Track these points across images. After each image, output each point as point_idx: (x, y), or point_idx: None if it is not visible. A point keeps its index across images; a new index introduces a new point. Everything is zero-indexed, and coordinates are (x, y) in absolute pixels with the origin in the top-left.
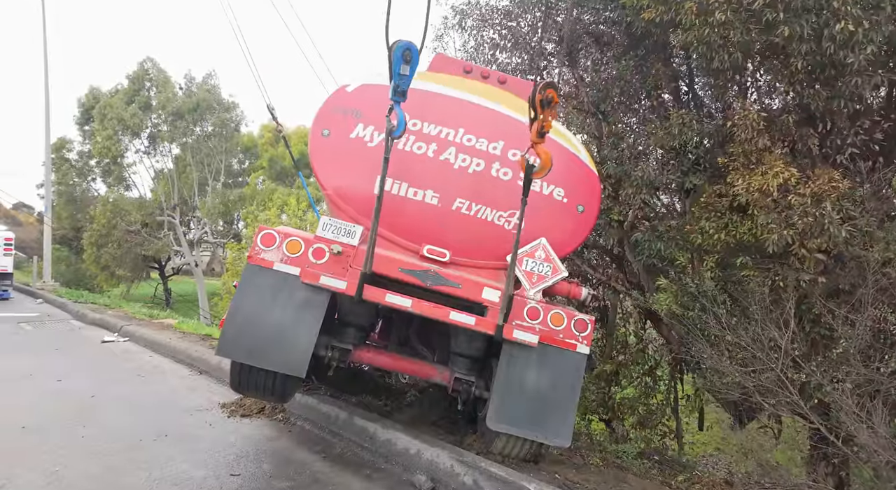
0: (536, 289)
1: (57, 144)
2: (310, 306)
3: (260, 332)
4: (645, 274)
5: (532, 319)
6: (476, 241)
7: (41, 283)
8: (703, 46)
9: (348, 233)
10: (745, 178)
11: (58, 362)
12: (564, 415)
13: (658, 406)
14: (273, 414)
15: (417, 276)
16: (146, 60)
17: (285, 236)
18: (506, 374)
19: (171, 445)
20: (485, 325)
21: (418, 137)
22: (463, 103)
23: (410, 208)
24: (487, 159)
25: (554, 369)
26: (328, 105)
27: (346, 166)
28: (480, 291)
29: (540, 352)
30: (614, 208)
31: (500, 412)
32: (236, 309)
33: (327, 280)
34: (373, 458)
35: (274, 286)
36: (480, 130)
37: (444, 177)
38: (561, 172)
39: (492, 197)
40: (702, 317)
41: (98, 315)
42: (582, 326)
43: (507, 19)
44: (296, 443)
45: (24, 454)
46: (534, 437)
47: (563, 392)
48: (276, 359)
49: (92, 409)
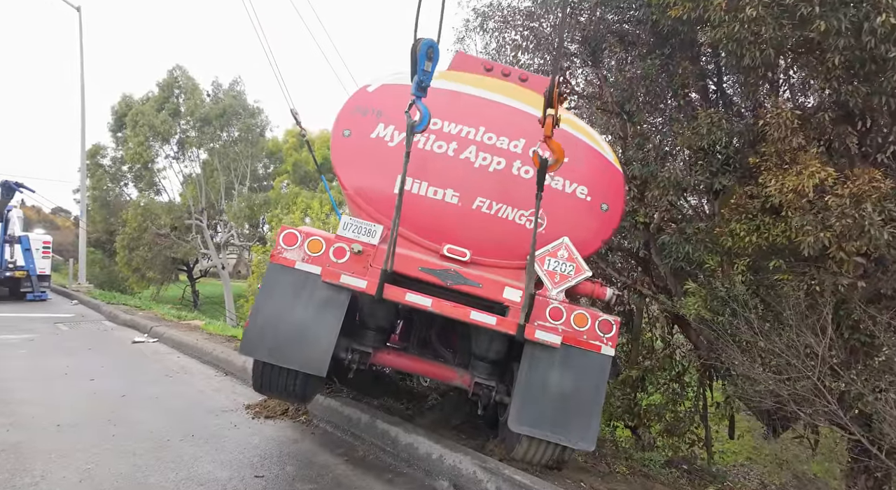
0: (559, 289)
1: (91, 151)
2: (331, 305)
3: (281, 331)
4: (672, 277)
5: (555, 320)
6: (497, 241)
7: (76, 285)
8: (732, 43)
9: (369, 232)
10: (778, 178)
11: (91, 362)
12: (589, 418)
13: (686, 413)
14: (296, 416)
15: (437, 275)
16: (175, 68)
17: (307, 236)
18: (528, 376)
19: (198, 446)
20: (506, 325)
21: (438, 136)
22: (483, 101)
23: (430, 207)
24: (508, 158)
25: (577, 371)
26: (349, 105)
27: (366, 166)
28: (501, 291)
29: (563, 353)
30: (640, 210)
31: (522, 414)
32: (259, 308)
33: (348, 279)
34: (395, 462)
35: (295, 285)
36: (501, 129)
37: (465, 176)
38: (584, 170)
39: (513, 196)
40: (732, 322)
41: (129, 316)
42: (607, 327)
43: (529, 20)
44: (318, 445)
45: (59, 452)
46: (557, 441)
47: (587, 394)
48: (297, 358)
49: (123, 409)
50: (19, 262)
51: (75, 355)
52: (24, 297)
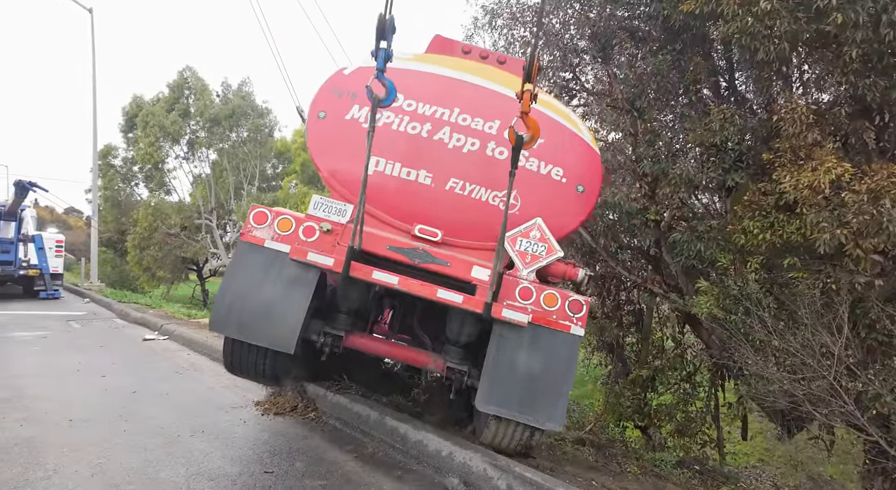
0: (530, 269)
1: (103, 151)
2: (299, 284)
3: (250, 308)
4: (683, 276)
5: (524, 299)
6: (470, 222)
7: (88, 284)
8: (746, 38)
9: (339, 211)
10: (792, 174)
11: (103, 359)
12: (557, 398)
13: (698, 413)
14: (305, 413)
15: (405, 253)
16: (185, 69)
17: (276, 214)
18: (496, 355)
19: (208, 441)
20: (472, 303)
21: (413, 118)
22: (459, 83)
23: (403, 188)
24: (483, 139)
25: (546, 351)
26: (325, 88)
27: (341, 148)
28: (469, 270)
29: (532, 333)
30: (651, 208)
31: (490, 394)
32: (227, 285)
33: (315, 257)
34: (404, 459)
35: (264, 263)
36: (476, 110)
37: (438, 157)
38: (560, 152)
39: (486, 177)
40: (745, 321)
41: (140, 314)
42: (577, 307)
43: None
44: (328, 442)
45: (71, 447)
46: (524, 421)
47: (556, 375)
48: (265, 335)
49: (134, 405)
50: (33, 260)
51: (87, 352)
52: (37, 295)
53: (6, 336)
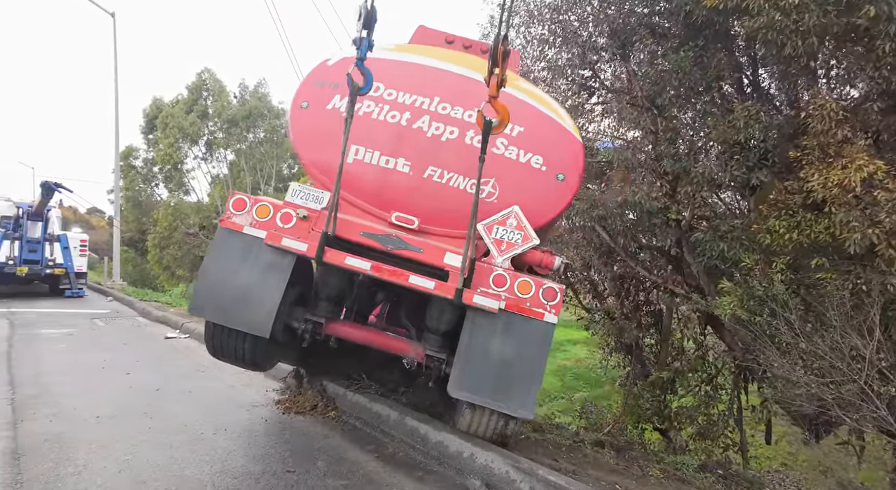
0: (505, 256)
1: (124, 153)
2: (275, 269)
3: (227, 292)
4: (705, 276)
5: (498, 287)
6: (447, 210)
7: (111, 282)
8: (772, 33)
9: (316, 198)
10: (821, 172)
11: (126, 356)
12: (529, 385)
13: (720, 416)
14: (325, 412)
15: (378, 239)
16: (204, 71)
17: (255, 201)
18: (468, 342)
19: (230, 439)
20: (444, 289)
21: (392, 107)
22: (440, 72)
23: (381, 176)
24: (462, 127)
25: (519, 338)
26: (308, 79)
27: (322, 137)
28: (442, 256)
29: (505, 320)
30: (672, 207)
31: (462, 380)
32: (206, 270)
33: (289, 242)
34: (425, 460)
35: (242, 249)
36: (456, 99)
37: (417, 145)
38: (539, 139)
39: (465, 165)
40: (771, 322)
41: (161, 313)
42: (551, 295)
43: (557, 14)
44: (348, 441)
45: (99, 443)
46: (496, 408)
47: (529, 362)
48: (241, 319)
49: (158, 402)
50: (58, 259)
51: (111, 350)
52: (62, 293)
53: (35, 333)
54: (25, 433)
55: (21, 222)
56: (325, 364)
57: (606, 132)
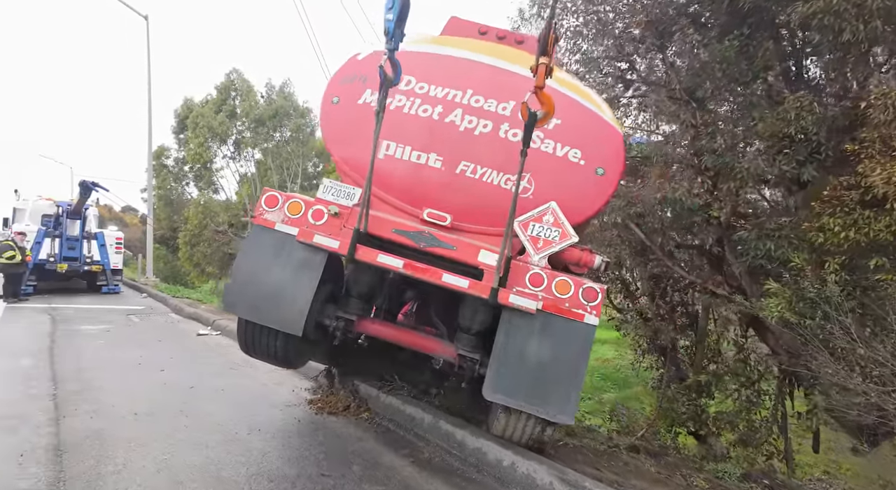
0: (542, 254)
1: (156, 152)
2: (307, 266)
3: (260, 289)
4: (747, 276)
5: (535, 286)
6: (481, 206)
7: (144, 279)
8: (829, 17)
9: (348, 195)
10: (883, 167)
11: (161, 353)
12: (568, 390)
13: (762, 423)
14: (358, 413)
15: (410, 237)
16: (232, 71)
17: (287, 198)
18: (504, 343)
19: (265, 440)
20: (479, 288)
21: (424, 100)
22: (473, 64)
23: (413, 172)
24: (496, 120)
25: (558, 340)
26: (338, 74)
27: (353, 133)
28: (476, 254)
29: (543, 321)
30: (713, 204)
31: (497, 382)
32: (239, 266)
33: (321, 239)
34: (462, 467)
35: (275, 246)
36: (490, 91)
37: (449, 139)
38: (578, 132)
39: (499, 159)
40: (824, 326)
41: (193, 309)
42: (591, 295)
43: (591, 4)
44: (383, 444)
45: (137, 441)
46: (533, 412)
47: (568, 365)
48: (274, 316)
49: (192, 400)
50: (95, 257)
51: (146, 347)
52: (99, 289)
53: (74, 329)
54: (67, 429)
55: (61, 221)
56: (356, 363)
57: (642, 126)
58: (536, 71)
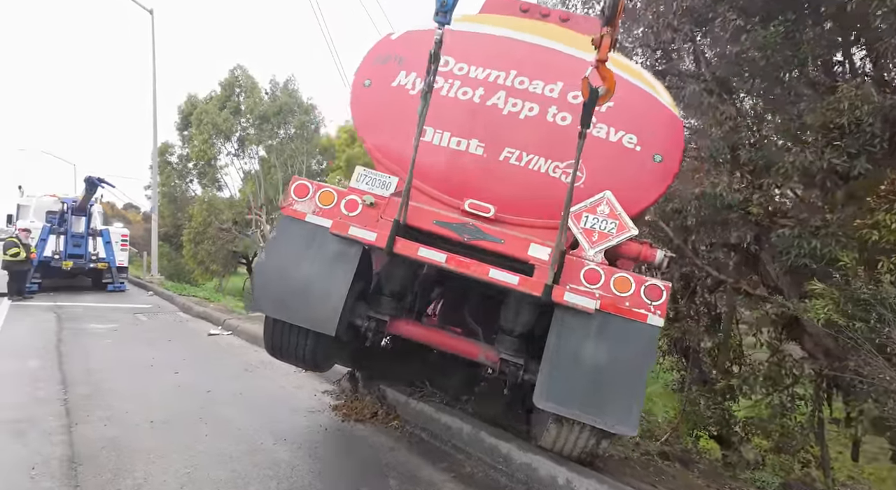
0: (597, 248)
1: (160, 149)
2: (340, 260)
3: (289, 285)
4: (784, 276)
5: (591, 283)
6: (527, 196)
7: (149, 277)
8: None
9: (383, 184)
10: None
11: (172, 354)
12: (630, 398)
13: (798, 429)
14: (387, 420)
15: (454, 229)
16: (236, 68)
17: (318, 187)
18: (557, 345)
19: (292, 451)
20: (530, 285)
21: (463, 82)
22: (516, 43)
23: (452, 160)
24: (542, 103)
25: (617, 342)
26: (371, 54)
27: (386, 117)
28: (526, 248)
29: (600, 321)
30: (752, 200)
31: (549, 389)
32: (267, 261)
33: (356, 231)
34: (510, 484)
35: (305, 238)
36: (535, 72)
37: (492, 124)
38: (633, 115)
39: (547, 145)
40: (878, 329)
41: (201, 308)
42: (655, 293)
43: None
44: (417, 456)
45: (157, 452)
46: (589, 421)
47: (629, 370)
48: (305, 315)
49: (210, 405)
50: (101, 254)
51: (157, 347)
52: (105, 287)
53: (82, 327)
54: (81, 438)
55: (66, 217)
56: (380, 366)
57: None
58: (599, 43)
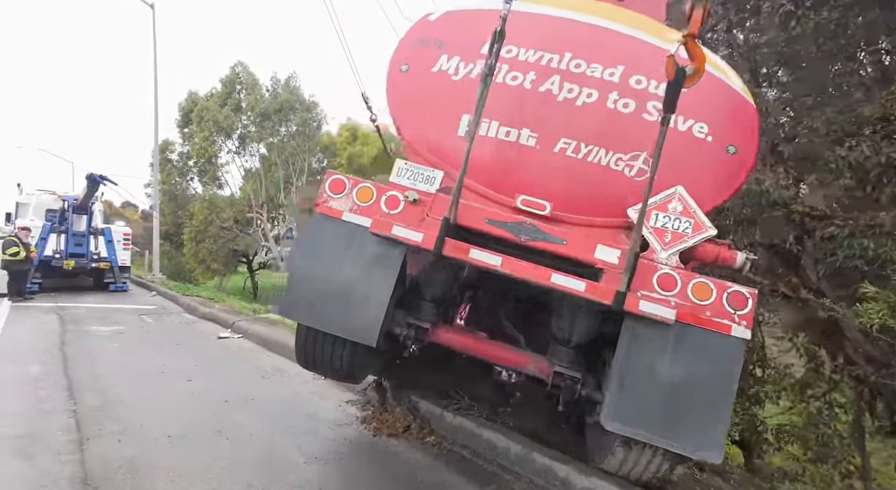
0: (671, 251)
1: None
2: (381, 263)
3: (324, 290)
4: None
5: (665, 290)
6: (586, 192)
7: (151, 276)
8: None
9: (427, 179)
10: None
11: (182, 359)
12: (713, 419)
13: (838, 438)
14: (421, 435)
15: (509, 228)
16: (237, 64)
17: (355, 183)
18: (627, 359)
19: (325, 470)
20: (599, 292)
21: (512, 66)
22: (569, 23)
23: (501, 151)
24: (602, 88)
25: (698, 357)
26: (408, 37)
27: (427, 105)
28: (592, 250)
29: (677, 333)
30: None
31: (619, 408)
32: (299, 263)
33: (400, 231)
34: None
35: (342, 239)
36: (592, 54)
37: (545, 112)
38: (703, 103)
39: (608, 135)
40: None
41: (207, 309)
42: (739, 302)
43: None
44: (460, 476)
45: (177, 471)
46: (666, 446)
47: (712, 388)
48: (342, 323)
49: (228, 417)
50: (103, 253)
51: (165, 351)
52: (107, 287)
53: (85, 330)
54: (94, 456)
55: (66, 216)
56: (408, 375)
57: None
58: (689, 14)
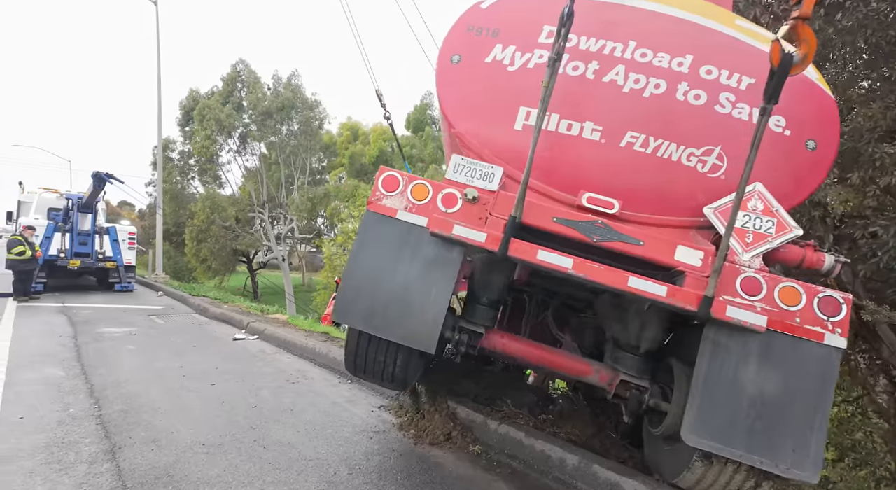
0: (754, 252)
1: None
2: (440, 265)
3: (380, 294)
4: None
5: (750, 295)
6: (655, 189)
7: (154, 276)
8: None
9: (486, 175)
10: None
11: (203, 362)
12: (806, 434)
13: (872, 443)
14: (464, 445)
15: (579, 228)
16: (238, 62)
17: (410, 179)
18: (708, 369)
19: (371, 483)
20: (683, 297)
21: (573, 55)
22: (633, 11)
23: (562, 146)
24: (670, 79)
25: (788, 367)
26: (459, 25)
27: (481, 98)
28: (672, 251)
29: (764, 341)
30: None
31: (702, 421)
32: (353, 265)
33: (462, 231)
34: None
35: (398, 239)
36: (659, 43)
37: (610, 104)
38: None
39: (678, 128)
40: None
41: (218, 309)
42: (832, 307)
43: None
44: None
45: (220, 484)
46: (755, 463)
47: (805, 401)
48: (399, 328)
49: (262, 424)
50: (108, 252)
51: (183, 354)
52: (112, 287)
53: (98, 332)
54: (129, 466)
55: (70, 214)
56: (442, 379)
57: None
58: None
